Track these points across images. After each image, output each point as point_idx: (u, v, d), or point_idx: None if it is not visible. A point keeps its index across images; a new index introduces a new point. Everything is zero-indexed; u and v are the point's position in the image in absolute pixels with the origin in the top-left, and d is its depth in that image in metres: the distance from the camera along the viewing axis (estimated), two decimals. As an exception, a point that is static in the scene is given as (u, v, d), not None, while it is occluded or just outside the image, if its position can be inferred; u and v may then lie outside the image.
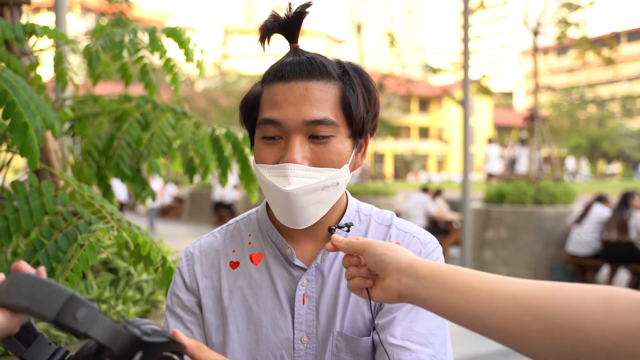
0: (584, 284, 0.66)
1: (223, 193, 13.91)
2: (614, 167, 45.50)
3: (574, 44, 9.30)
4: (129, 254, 1.75)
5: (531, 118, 8.33)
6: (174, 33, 2.13)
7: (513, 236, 7.19)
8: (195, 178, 2.27)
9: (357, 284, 0.87)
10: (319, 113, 0.95)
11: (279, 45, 1.08)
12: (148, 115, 2.27)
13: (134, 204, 17.59)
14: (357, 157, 1.06)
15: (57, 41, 2.19)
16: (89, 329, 0.68)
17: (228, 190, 13.81)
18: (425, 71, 13.37)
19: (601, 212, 6.41)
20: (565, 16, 8.61)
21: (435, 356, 0.96)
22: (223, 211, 14.06)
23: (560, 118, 40.17)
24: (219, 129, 2.28)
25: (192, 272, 1.10)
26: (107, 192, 2.42)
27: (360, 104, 1.00)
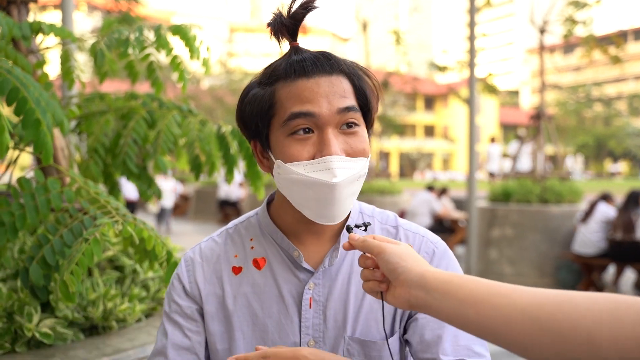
0: (592, 293, 0.67)
1: (229, 191, 13.95)
2: (618, 166, 45.32)
3: (580, 42, 9.23)
4: (135, 251, 1.75)
5: (537, 116, 8.29)
6: (179, 31, 2.13)
7: (519, 235, 7.16)
8: (201, 176, 2.28)
9: (372, 287, 0.89)
10: (348, 101, 0.97)
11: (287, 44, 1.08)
12: (154, 113, 2.27)
13: (145, 202, 17.65)
14: None
15: (64, 39, 2.19)
16: None
17: (233, 188, 13.85)
18: (431, 69, 13.31)
19: (606, 211, 6.37)
20: (572, 14, 8.55)
21: None
22: (228, 209, 14.10)
23: (566, 116, 39.95)
24: (225, 127, 2.28)
25: (193, 279, 1.08)
26: (114, 190, 2.42)
27: (372, 93, 1.02)
